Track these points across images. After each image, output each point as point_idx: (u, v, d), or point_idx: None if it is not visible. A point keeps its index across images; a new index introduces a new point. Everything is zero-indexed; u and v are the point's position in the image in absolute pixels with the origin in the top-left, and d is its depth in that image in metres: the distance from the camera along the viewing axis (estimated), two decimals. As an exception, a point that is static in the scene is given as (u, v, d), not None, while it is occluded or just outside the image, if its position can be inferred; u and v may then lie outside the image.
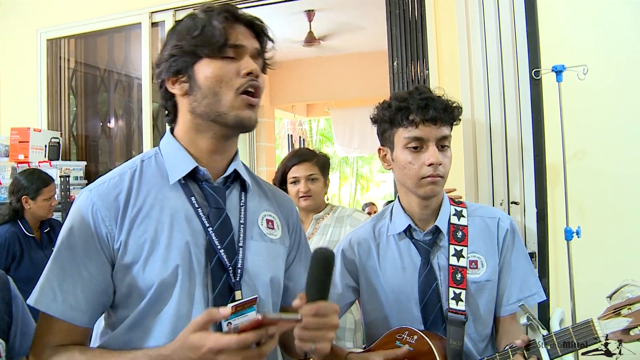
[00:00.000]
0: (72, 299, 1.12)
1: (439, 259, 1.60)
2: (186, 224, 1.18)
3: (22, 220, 3.11)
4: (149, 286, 1.13)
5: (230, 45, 1.18)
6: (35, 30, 4.28)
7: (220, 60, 1.18)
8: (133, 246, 1.14)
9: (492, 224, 1.64)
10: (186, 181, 1.22)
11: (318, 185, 2.56)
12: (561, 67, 2.49)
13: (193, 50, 1.19)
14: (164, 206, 1.19)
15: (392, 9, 3.18)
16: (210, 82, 1.17)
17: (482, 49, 2.80)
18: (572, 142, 2.56)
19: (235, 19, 1.22)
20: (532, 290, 1.60)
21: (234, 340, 0.96)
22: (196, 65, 1.19)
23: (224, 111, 1.17)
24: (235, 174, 1.29)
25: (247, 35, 1.23)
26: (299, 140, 8.90)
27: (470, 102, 2.80)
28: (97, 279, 1.14)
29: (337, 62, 7.08)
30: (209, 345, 0.97)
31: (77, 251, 1.14)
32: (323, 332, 1.10)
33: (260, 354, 1.00)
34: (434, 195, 1.57)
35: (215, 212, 1.21)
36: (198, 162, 1.22)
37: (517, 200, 2.69)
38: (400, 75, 3.13)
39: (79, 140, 4.30)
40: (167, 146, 1.27)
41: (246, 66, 1.19)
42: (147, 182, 1.21)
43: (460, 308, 1.53)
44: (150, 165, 1.25)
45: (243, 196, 1.29)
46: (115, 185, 1.19)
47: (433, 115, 1.52)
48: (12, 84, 4.41)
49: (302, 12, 5.32)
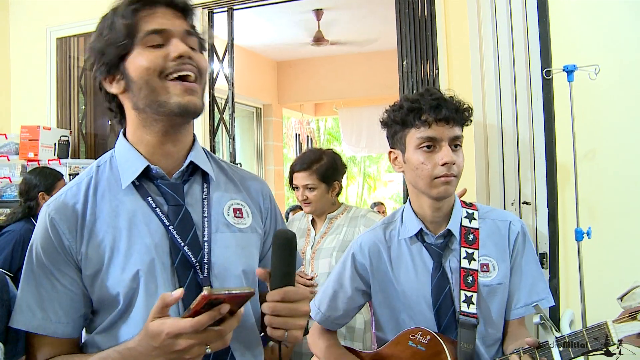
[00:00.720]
0: (52, 313, 1.12)
1: (451, 262, 1.59)
2: (145, 226, 1.15)
3: (35, 218, 3.15)
4: (114, 295, 1.12)
5: (149, 33, 1.12)
6: (45, 29, 4.30)
7: (146, 49, 1.12)
8: (93, 256, 1.12)
9: (504, 227, 1.64)
10: (140, 182, 1.18)
11: (316, 193, 2.57)
12: (572, 67, 2.47)
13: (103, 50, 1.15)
14: (121, 211, 1.15)
15: (401, 7, 3.16)
16: (141, 73, 1.11)
17: (494, 48, 2.78)
18: (583, 142, 2.55)
19: (150, 4, 1.15)
20: (541, 295, 1.59)
21: (189, 324, 0.94)
22: (126, 60, 1.13)
23: (164, 100, 1.11)
24: (194, 166, 1.23)
25: (169, 17, 1.15)
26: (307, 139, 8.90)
27: (482, 102, 2.78)
28: (72, 291, 1.14)
29: (346, 62, 7.08)
30: (167, 331, 0.95)
31: (47, 266, 1.13)
32: (294, 320, 1.07)
33: (221, 334, 0.98)
34: (447, 195, 1.56)
35: (173, 209, 1.17)
36: (150, 160, 1.18)
37: (528, 200, 2.67)
38: (410, 74, 3.12)
39: (88, 138, 4.32)
40: (119, 148, 1.23)
41: (175, 49, 1.12)
42: (102, 189, 1.18)
43: (471, 311, 1.53)
44: (104, 171, 1.21)
45: (205, 188, 1.24)
46: (72, 196, 1.17)
47: (446, 114, 1.51)
48: (23, 83, 4.43)
49: (311, 11, 5.32)
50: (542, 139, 2.65)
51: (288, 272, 1.08)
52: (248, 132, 7.11)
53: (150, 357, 1.00)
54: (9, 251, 2.95)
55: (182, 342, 0.96)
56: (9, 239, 3.00)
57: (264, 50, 6.80)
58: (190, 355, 0.98)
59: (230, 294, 0.95)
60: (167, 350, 0.97)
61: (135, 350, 1.02)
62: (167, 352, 0.97)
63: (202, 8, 3.72)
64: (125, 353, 1.04)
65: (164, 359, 0.99)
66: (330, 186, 2.60)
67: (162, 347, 0.97)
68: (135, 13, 1.13)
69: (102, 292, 1.13)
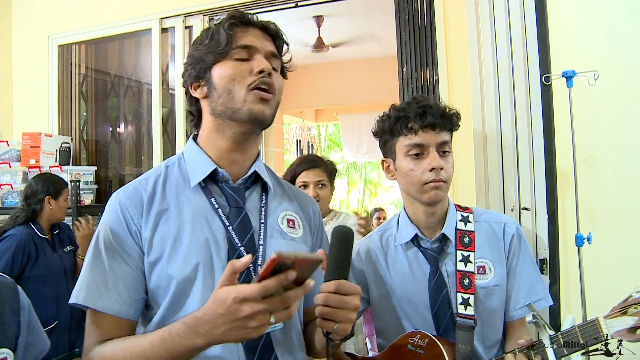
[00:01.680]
0: (116, 294, 1.19)
1: (447, 266, 1.61)
2: (207, 223, 1.24)
3: (35, 223, 3.17)
4: (172, 282, 1.19)
5: (239, 47, 1.25)
6: (47, 36, 4.32)
7: (233, 61, 1.25)
8: (157, 243, 1.21)
9: (499, 229, 1.65)
10: (206, 184, 1.28)
11: (326, 191, 2.64)
12: (572, 72, 2.48)
13: (202, 57, 1.27)
14: (186, 207, 1.25)
15: (401, 14, 3.18)
16: (224, 82, 1.24)
17: (493, 54, 2.79)
18: (583, 147, 2.55)
19: (246, 23, 1.29)
20: (539, 295, 1.61)
21: (256, 288, 0.95)
22: (213, 69, 1.26)
23: (238, 107, 1.23)
24: (256, 176, 1.34)
25: (259, 38, 1.29)
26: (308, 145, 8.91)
27: (481, 108, 2.79)
28: (136, 272, 1.21)
29: (346, 68, 7.10)
30: (234, 295, 0.97)
31: (115, 248, 1.21)
32: (344, 312, 1.10)
33: (285, 300, 0.99)
34: (438, 200, 1.58)
35: (234, 211, 1.27)
36: (218, 165, 1.29)
37: (528, 206, 2.68)
38: (410, 80, 3.13)
39: (89, 145, 4.33)
40: (189, 151, 1.34)
41: (258, 65, 1.24)
42: (170, 185, 1.29)
43: (468, 313, 1.54)
44: (173, 170, 1.33)
45: (264, 197, 1.34)
46: (141, 186, 1.28)
47: (431, 121, 1.55)
48: (24, 90, 4.45)
49: (311, 18, 5.33)
50: (542, 144, 2.66)
51: (342, 266, 1.13)
52: (249, 139, 7.11)
53: (215, 325, 1.01)
54: (10, 256, 2.96)
55: (247, 307, 0.97)
56: (10, 243, 3.01)
57: (264, 57, 6.81)
58: (254, 323, 0.99)
59: (299, 258, 0.96)
60: (233, 316, 0.98)
61: (201, 319, 1.03)
62: (232, 319, 0.99)
63: (203, 15, 3.74)
64: (191, 322, 1.06)
65: (229, 327, 1.00)
66: (333, 187, 2.68)
67: (227, 313, 0.99)
68: (233, 28, 1.27)
69: (158, 280, 1.20)
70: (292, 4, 3.59)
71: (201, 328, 1.04)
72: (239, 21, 1.29)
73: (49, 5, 4.34)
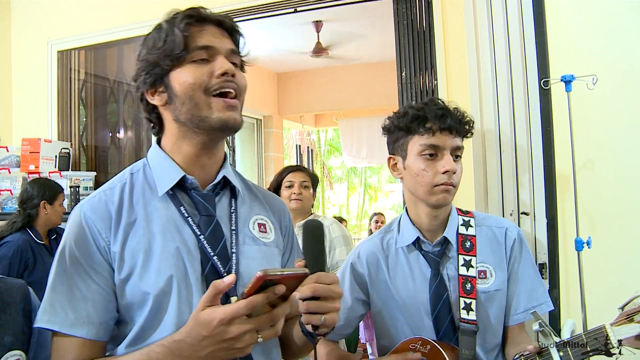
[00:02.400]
0: (84, 313, 1.11)
1: (448, 270, 1.60)
2: (177, 233, 1.18)
3: (32, 229, 3.17)
4: (147, 297, 1.12)
5: (197, 48, 1.17)
6: (46, 41, 4.32)
7: (192, 64, 1.17)
8: (127, 258, 1.14)
9: (500, 233, 1.65)
10: (174, 191, 1.22)
11: (308, 192, 2.92)
12: (570, 77, 2.48)
13: (158, 62, 1.18)
14: (155, 217, 1.18)
15: (400, 19, 3.18)
16: (185, 88, 1.16)
17: (491, 59, 2.79)
18: (582, 151, 2.55)
19: (201, 21, 1.20)
20: (540, 300, 1.61)
21: (242, 305, 0.93)
22: (171, 73, 1.18)
23: (205, 115, 1.16)
24: (225, 181, 1.28)
25: (217, 36, 1.21)
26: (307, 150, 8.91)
27: (480, 112, 2.79)
28: (105, 290, 1.14)
29: (345, 73, 7.11)
30: (219, 317, 0.95)
31: (82, 265, 1.13)
32: (330, 303, 1.09)
33: (273, 318, 0.98)
34: (445, 204, 1.58)
35: (205, 219, 1.21)
36: (186, 171, 1.22)
37: (527, 210, 2.67)
38: (409, 85, 3.13)
39: (88, 150, 4.33)
40: (154, 157, 1.27)
41: (220, 66, 1.17)
42: (137, 195, 1.21)
43: (471, 318, 1.54)
44: (139, 178, 1.25)
45: (233, 202, 1.29)
46: (106, 197, 1.20)
47: (450, 124, 1.54)
48: (24, 95, 4.45)
49: (310, 23, 5.35)
50: (541, 149, 2.65)
51: (319, 258, 1.12)
52: (248, 144, 7.12)
53: (199, 347, 0.98)
54: (7, 263, 2.95)
55: (234, 328, 0.95)
56: (7, 249, 3.01)
57: (264, 62, 6.82)
58: (242, 344, 0.97)
59: (285, 275, 0.94)
60: (219, 338, 0.96)
61: (183, 342, 1.00)
62: (218, 341, 0.96)
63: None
64: (172, 346, 1.02)
65: (214, 348, 0.98)
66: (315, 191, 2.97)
67: (213, 335, 0.96)
68: (188, 27, 1.18)
69: (132, 296, 1.13)
70: (291, 9, 3.60)
71: (184, 352, 1.00)
72: (194, 20, 1.19)
73: (48, 11, 4.35)
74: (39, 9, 4.40)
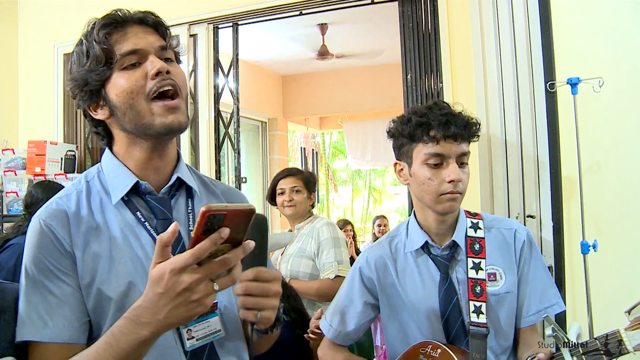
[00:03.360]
0: (63, 319, 1.10)
1: (458, 273, 1.59)
2: (135, 239, 1.16)
3: None
4: (110, 303, 1.11)
5: (124, 54, 1.13)
6: (52, 44, 4.35)
7: (123, 72, 1.13)
8: (88, 263, 1.12)
9: (509, 235, 1.63)
10: (129, 197, 1.20)
11: (301, 195, 2.88)
12: (576, 79, 2.47)
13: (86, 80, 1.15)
14: (113, 223, 1.17)
15: (405, 22, 3.18)
16: (123, 98, 1.13)
17: (497, 61, 2.79)
18: (588, 154, 2.54)
19: (121, 24, 1.15)
20: (552, 301, 1.58)
21: (190, 253, 0.90)
22: (105, 86, 1.15)
23: (148, 121, 1.13)
24: (180, 181, 1.26)
25: (141, 35, 1.15)
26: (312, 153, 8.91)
27: (485, 115, 2.79)
28: (78, 292, 1.12)
29: (351, 75, 7.11)
30: (169, 268, 0.91)
31: (52, 271, 1.12)
32: (267, 300, 1.07)
33: (226, 262, 0.94)
34: (452, 211, 1.56)
35: (162, 223, 1.19)
36: (139, 176, 1.20)
37: (533, 214, 2.67)
38: (414, 88, 3.13)
39: (94, 153, 4.34)
40: (107, 164, 1.25)
41: (152, 67, 1.13)
42: (94, 201, 1.20)
43: (481, 321, 1.52)
44: (94, 185, 1.23)
45: (190, 202, 1.26)
46: (63, 203, 1.18)
47: (454, 131, 1.51)
48: (30, 98, 4.47)
49: (316, 26, 5.35)
50: (547, 152, 2.65)
51: (260, 253, 1.07)
52: (253, 146, 7.12)
53: (157, 308, 0.94)
54: (12, 266, 2.93)
55: (186, 277, 0.91)
56: (12, 252, 2.99)
57: (269, 65, 6.83)
58: (197, 295, 0.93)
59: (229, 209, 0.90)
60: (173, 292, 0.92)
61: (141, 307, 0.96)
62: (174, 296, 0.92)
63: (207, 23, 3.76)
64: (132, 315, 0.98)
65: (172, 306, 0.93)
66: (310, 193, 2.92)
67: (167, 290, 0.92)
68: (109, 37, 1.13)
69: (97, 300, 1.12)
70: (297, 12, 3.61)
71: (143, 317, 0.96)
72: (113, 26, 1.13)
73: (54, 14, 4.38)
74: (45, 12, 4.42)
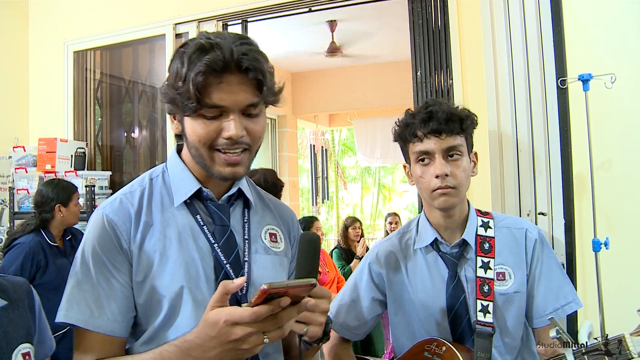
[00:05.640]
0: (109, 312, 1.16)
1: (466, 271, 1.59)
2: (192, 241, 1.22)
3: (45, 230, 3.15)
4: (161, 301, 1.17)
5: (209, 106, 1.12)
6: (62, 42, 4.37)
7: (202, 119, 1.14)
8: (144, 260, 1.18)
9: (520, 234, 1.62)
10: (191, 200, 1.26)
11: None
12: (588, 75, 2.45)
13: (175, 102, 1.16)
14: (171, 223, 1.23)
15: (415, 18, 3.17)
16: (193, 140, 1.17)
17: (508, 57, 2.77)
18: (600, 151, 2.52)
19: (221, 70, 1.11)
20: (568, 299, 1.57)
21: (248, 313, 0.95)
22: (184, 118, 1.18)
23: (208, 165, 1.19)
24: (239, 192, 1.31)
25: (234, 90, 1.13)
26: (321, 150, 8.91)
27: (496, 112, 2.77)
28: (127, 288, 1.18)
29: (360, 72, 7.10)
30: (224, 318, 0.97)
31: (105, 264, 1.17)
32: (314, 315, 1.10)
33: (278, 322, 0.99)
34: (448, 206, 1.55)
35: (220, 229, 1.25)
36: (202, 183, 1.26)
37: (544, 211, 2.65)
38: (424, 85, 3.12)
39: (104, 150, 4.36)
40: (173, 166, 1.30)
41: (227, 130, 1.14)
42: (155, 201, 1.25)
43: (488, 320, 1.52)
44: (157, 184, 1.29)
45: (246, 213, 1.32)
46: (127, 200, 1.24)
47: (434, 127, 1.52)
48: (40, 95, 4.50)
49: (325, 23, 5.34)
50: (558, 148, 2.63)
51: (312, 270, 1.14)
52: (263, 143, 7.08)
53: (207, 348, 1.01)
54: (19, 264, 2.95)
55: (239, 330, 0.97)
56: (19, 251, 3.00)
57: (278, 62, 6.83)
58: (247, 345, 0.99)
59: (290, 286, 0.95)
60: (224, 339, 0.98)
61: (193, 342, 1.03)
62: (224, 342, 0.99)
63: (216, 21, 3.76)
64: (183, 346, 1.05)
65: (221, 349, 1.00)
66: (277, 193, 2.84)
67: (219, 335, 0.99)
68: (205, 80, 1.10)
69: (149, 296, 1.18)
70: (306, 8, 3.60)
71: (193, 352, 1.04)
72: (212, 69, 1.10)
73: (64, 12, 4.40)
74: (55, 10, 4.44)
